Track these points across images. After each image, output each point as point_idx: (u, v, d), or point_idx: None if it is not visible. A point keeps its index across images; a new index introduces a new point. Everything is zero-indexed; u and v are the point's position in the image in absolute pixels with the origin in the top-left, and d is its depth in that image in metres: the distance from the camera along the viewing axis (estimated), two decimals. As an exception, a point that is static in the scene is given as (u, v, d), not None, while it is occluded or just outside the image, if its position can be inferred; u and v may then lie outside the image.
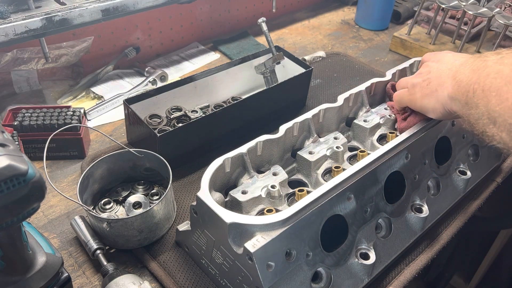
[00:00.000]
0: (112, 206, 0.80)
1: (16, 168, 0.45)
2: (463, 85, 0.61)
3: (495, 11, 1.23)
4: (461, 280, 1.84)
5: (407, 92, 0.77)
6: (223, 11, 1.44)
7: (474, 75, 0.59)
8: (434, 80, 0.70)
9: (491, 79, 0.55)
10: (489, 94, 0.55)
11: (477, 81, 0.57)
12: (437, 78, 0.69)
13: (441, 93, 0.67)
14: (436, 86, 0.69)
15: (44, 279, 0.58)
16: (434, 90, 0.69)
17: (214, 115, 0.90)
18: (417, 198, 0.78)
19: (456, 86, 0.63)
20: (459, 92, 0.62)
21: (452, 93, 0.64)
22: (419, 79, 0.74)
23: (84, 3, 1.00)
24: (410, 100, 0.76)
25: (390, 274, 0.73)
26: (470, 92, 0.59)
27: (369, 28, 1.55)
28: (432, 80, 0.71)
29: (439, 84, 0.68)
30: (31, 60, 1.07)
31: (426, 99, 0.71)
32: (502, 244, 1.61)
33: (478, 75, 0.58)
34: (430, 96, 0.70)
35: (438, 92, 0.68)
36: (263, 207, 0.70)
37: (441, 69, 0.70)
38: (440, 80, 0.68)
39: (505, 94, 0.52)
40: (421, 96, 0.73)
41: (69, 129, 0.85)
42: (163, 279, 0.71)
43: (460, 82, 0.62)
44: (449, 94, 0.65)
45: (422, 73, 0.75)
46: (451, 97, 0.65)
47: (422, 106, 0.73)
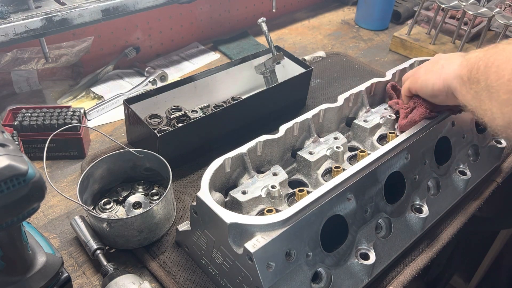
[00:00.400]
0: (112, 206, 0.80)
1: (16, 168, 0.45)
2: (470, 62, 0.62)
3: (495, 11, 1.23)
4: (461, 280, 1.84)
5: (410, 75, 0.80)
6: (223, 11, 1.44)
7: (482, 53, 0.60)
8: (443, 61, 0.72)
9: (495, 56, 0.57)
10: (489, 70, 0.56)
11: (483, 58, 0.59)
12: (447, 59, 0.71)
13: (446, 69, 0.69)
14: (444, 64, 0.70)
15: (44, 279, 0.58)
16: (440, 67, 0.71)
17: (214, 115, 0.90)
18: (417, 198, 0.78)
19: (465, 63, 0.64)
20: (465, 68, 0.63)
21: (458, 70, 0.65)
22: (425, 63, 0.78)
23: (84, 3, 1.00)
24: (411, 81, 0.78)
25: (390, 274, 0.73)
26: (475, 68, 0.60)
27: (369, 28, 1.55)
28: (440, 61, 0.73)
29: (448, 63, 0.70)
30: (31, 60, 1.07)
31: (429, 74, 0.73)
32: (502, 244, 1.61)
33: (485, 53, 0.59)
34: (434, 72, 0.72)
35: (444, 68, 0.70)
36: (263, 207, 0.70)
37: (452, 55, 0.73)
38: (450, 60, 0.70)
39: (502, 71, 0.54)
40: (424, 72, 0.75)
41: (69, 129, 0.85)
42: (163, 279, 0.71)
43: (468, 59, 0.64)
44: (455, 70, 0.66)
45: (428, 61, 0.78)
46: (456, 73, 0.65)
47: (423, 81, 0.74)
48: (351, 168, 0.67)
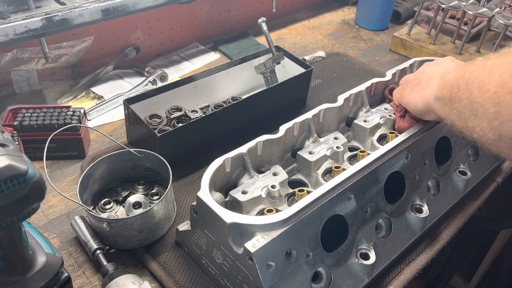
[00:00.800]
0: (112, 206, 0.80)
1: (16, 168, 0.45)
2: (448, 84, 0.62)
3: (495, 11, 1.23)
4: (461, 280, 1.84)
5: (401, 88, 0.81)
6: (223, 11, 1.44)
7: (459, 72, 0.60)
8: (425, 80, 0.73)
9: (475, 73, 0.56)
10: (471, 86, 0.56)
11: (462, 76, 0.59)
12: (428, 79, 0.72)
13: (427, 91, 0.70)
14: (424, 85, 0.71)
15: (44, 279, 0.58)
16: (422, 89, 0.72)
17: (214, 115, 0.90)
18: (417, 198, 0.78)
19: (442, 84, 0.65)
20: (444, 90, 0.64)
21: (437, 92, 0.66)
22: (413, 77, 0.79)
23: (84, 3, 1.00)
24: (400, 96, 0.80)
25: (390, 274, 0.73)
26: (455, 88, 0.60)
27: (369, 28, 1.55)
28: (422, 80, 0.74)
29: (427, 84, 0.70)
30: (31, 60, 1.07)
31: (411, 95, 0.75)
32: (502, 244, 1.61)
33: (464, 72, 0.59)
34: (416, 93, 0.73)
35: (424, 90, 0.71)
36: (263, 207, 0.70)
37: (434, 71, 0.73)
38: (430, 80, 0.70)
39: (487, 85, 0.53)
40: (409, 92, 0.76)
41: (69, 129, 0.85)
42: (163, 279, 0.71)
43: (446, 81, 0.64)
44: (434, 93, 0.67)
45: (417, 73, 0.79)
46: (435, 96, 0.66)
47: (407, 101, 0.76)
48: (351, 168, 0.67)
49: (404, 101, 0.78)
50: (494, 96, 0.52)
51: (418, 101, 0.73)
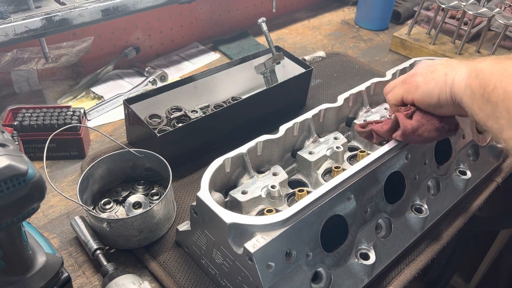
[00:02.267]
0: (112, 206, 0.80)
1: (16, 168, 0.45)
2: (482, 76, 0.54)
3: (495, 11, 1.23)
4: (461, 280, 1.84)
5: (401, 85, 0.70)
6: (223, 11, 1.44)
7: (497, 69, 0.53)
8: (442, 66, 0.63)
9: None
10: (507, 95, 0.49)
11: (500, 77, 0.51)
12: (445, 65, 0.63)
13: (453, 76, 0.60)
14: (446, 70, 0.62)
15: (44, 279, 0.58)
16: (443, 74, 0.62)
17: (214, 115, 0.90)
18: (417, 198, 0.78)
19: (474, 73, 0.56)
20: (476, 82, 0.55)
21: (468, 80, 0.57)
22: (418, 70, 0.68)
23: (84, 3, 1.00)
24: (407, 90, 0.68)
25: (390, 274, 0.73)
26: (489, 87, 0.52)
27: (369, 28, 1.55)
28: (438, 67, 0.64)
29: (450, 69, 0.61)
30: (31, 60, 1.07)
31: (431, 84, 0.63)
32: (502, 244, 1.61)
33: (502, 71, 0.52)
34: (437, 80, 0.63)
35: (448, 76, 0.61)
36: (263, 207, 0.70)
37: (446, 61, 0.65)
38: (451, 65, 0.62)
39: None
40: (424, 81, 0.65)
41: (69, 129, 0.85)
42: (163, 279, 0.71)
43: (478, 70, 0.56)
44: (464, 80, 0.58)
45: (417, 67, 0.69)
46: (465, 84, 0.57)
47: (425, 92, 0.64)
48: (351, 168, 0.67)
49: (419, 93, 0.65)
50: None
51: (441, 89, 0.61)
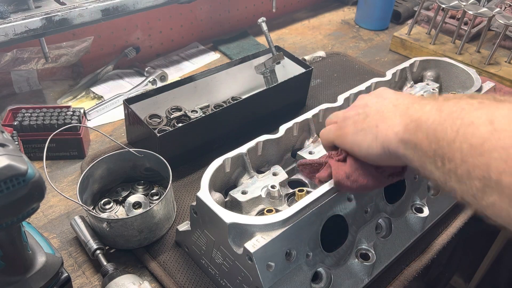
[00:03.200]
0: (112, 206, 0.80)
1: (15, 168, 0.45)
2: (426, 128, 0.47)
3: (495, 11, 1.23)
4: (461, 280, 1.84)
5: (336, 126, 0.63)
6: (223, 11, 1.44)
7: (445, 118, 0.45)
8: (374, 114, 0.56)
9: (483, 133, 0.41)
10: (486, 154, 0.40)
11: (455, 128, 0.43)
12: (378, 113, 0.56)
13: (383, 130, 0.53)
14: (377, 121, 0.55)
15: (44, 279, 0.58)
16: (374, 126, 0.55)
17: (214, 115, 0.90)
18: (417, 198, 0.78)
19: (413, 125, 0.49)
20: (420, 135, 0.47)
21: (405, 135, 0.50)
22: (352, 112, 0.61)
23: (84, 3, 1.00)
24: (338, 136, 0.61)
25: (390, 274, 0.73)
26: (445, 141, 0.44)
27: (369, 28, 1.55)
28: (370, 114, 0.57)
29: (382, 119, 0.55)
30: (31, 60, 1.07)
31: (360, 135, 0.57)
32: (502, 244, 1.61)
33: (453, 120, 0.44)
34: (366, 131, 0.56)
35: (379, 128, 0.54)
36: (263, 207, 0.70)
37: (382, 103, 0.57)
38: (382, 115, 0.55)
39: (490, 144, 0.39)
40: (354, 131, 0.58)
41: (69, 129, 0.85)
42: (163, 279, 0.70)
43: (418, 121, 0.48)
44: (399, 134, 0.51)
45: (356, 106, 0.62)
46: (401, 139, 0.50)
47: (354, 142, 0.58)
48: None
49: (347, 142, 0.59)
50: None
51: (371, 142, 0.55)
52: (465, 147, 0.42)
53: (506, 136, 0.39)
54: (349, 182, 0.59)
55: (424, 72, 1.01)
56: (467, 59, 1.28)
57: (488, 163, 0.40)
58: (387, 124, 0.53)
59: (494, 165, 0.39)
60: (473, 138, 0.41)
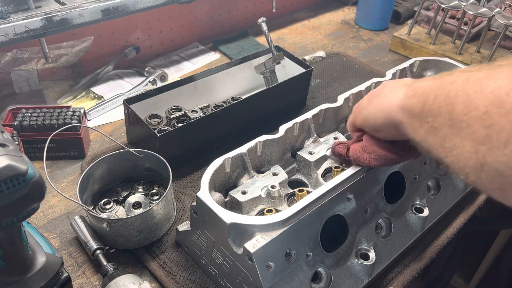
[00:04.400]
0: (112, 206, 0.80)
1: (16, 168, 0.45)
2: (419, 92, 0.52)
3: (495, 11, 1.23)
4: (461, 280, 1.84)
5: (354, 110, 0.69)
6: (223, 11, 1.44)
7: (435, 82, 0.50)
8: (387, 89, 0.62)
9: (458, 85, 0.46)
10: (455, 101, 0.46)
11: (440, 86, 0.49)
12: (390, 88, 0.61)
13: (388, 99, 0.59)
14: (386, 95, 0.60)
15: (44, 279, 0.58)
16: (383, 98, 0.60)
17: (214, 115, 0.90)
18: (417, 198, 0.78)
19: (411, 93, 0.54)
20: (413, 98, 0.53)
21: (403, 101, 0.55)
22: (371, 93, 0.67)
23: (84, 3, 1.00)
24: (355, 115, 0.67)
25: (390, 274, 0.73)
26: (430, 98, 0.50)
27: (369, 28, 1.55)
28: (384, 91, 0.62)
29: (390, 92, 0.60)
30: (31, 60, 1.07)
31: (370, 107, 0.62)
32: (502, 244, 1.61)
33: (441, 82, 0.49)
34: (376, 104, 0.61)
35: (386, 99, 0.59)
36: (263, 207, 0.70)
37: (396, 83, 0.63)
38: (392, 90, 0.60)
39: (475, 101, 0.44)
40: (367, 103, 0.64)
41: (69, 129, 0.85)
42: (163, 279, 0.71)
43: (416, 89, 0.54)
44: (399, 101, 0.56)
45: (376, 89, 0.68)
46: (401, 105, 0.55)
47: (365, 116, 0.63)
48: (351, 168, 0.67)
49: (361, 117, 0.65)
50: (485, 116, 0.42)
51: (377, 112, 0.60)
52: (442, 100, 0.47)
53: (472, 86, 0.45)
54: (366, 154, 0.64)
55: (424, 72, 1.01)
56: (467, 59, 1.28)
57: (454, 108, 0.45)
58: (393, 94, 0.58)
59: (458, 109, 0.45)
60: (449, 92, 0.47)
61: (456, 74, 0.49)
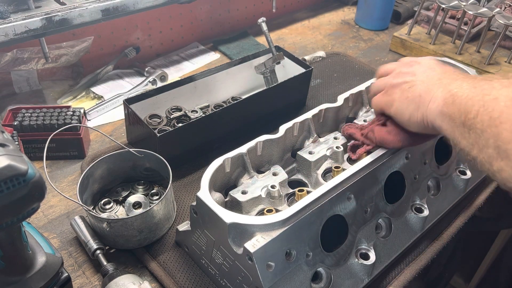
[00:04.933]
0: (112, 206, 0.80)
1: (16, 168, 0.45)
2: (459, 102, 0.52)
3: (495, 11, 1.23)
4: (461, 280, 1.84)
5: (384, 94, 0.68)
6: (223, 11, 1.44)
7: (476, 94, 0.50)
8: (420, 84, 0.60)
9: (502, 107, 0.46)
10: (499, 125, 0.45)
11: (481, 103, 0.48)
12: (423, 83, 0.60)
13: (426, 100, 0.58)
14: (421, 91, 0.59)
15: (44, 279, 0.58)
16: (417, 95, 0.59)
17: (214, 115, 0.90)
18: (417, 198, 0.77)
19: (451, 99, 0.53)
20: (454, 108, 0.52)
21: (443, 107, 0.55)
22: (399, 80, 0.65)
23: (84, 3, 1.00)
24: (386, 103, 0.66)
25: (390, 274, 0.73)
26: (471, 113, 0.49)
27: (369, 28, 1.55)
28: (416, 84, 0.61)
29: (426, 91, 0.58)
30: (31, 60, 1.07)
31: (405, 103, 0.62)
32: (502, 244, 1.61)
33: (482, 95, 0.49)
34: (411, 100, 0.61)
35: (422, 98, 0.59)
36: (263, 207, 0.70)
37: (428, 74, 0.61)
38: (427, 86, 0.59)
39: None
40: (399, 98, 0.63)
41: (69, 129, 0.85)
42: (163, 279, 0.71)
43: (455, 96, 0.53)
44: (439, 106, 0.55)
45: (404, 73, 0.65)
46: (440, 111, 0.55)
47: (398, 109, 0.63)
48: (351, 168, 0.67)
49: (392, 109, 0.64)
50: None
51: (414, 112, 0.60)
52: (486, 119, 0.47)
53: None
54: (392, 136, 0.67)
55: (424, 72, 1.01)
56: (467, 59, 1.28)
57: (499, 133, 0.45)
58: (430, 96, 0.57)
59: (503, 135, 0.45)
60: (493, 112, 0.47)
61: (496, 86, 0.49)
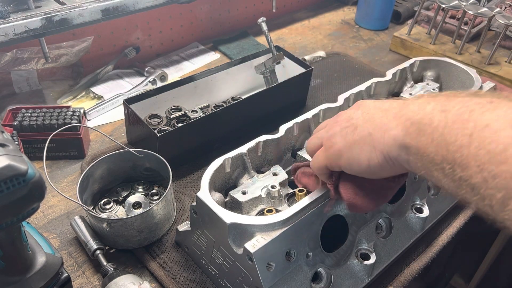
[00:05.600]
0: (112, 206, 0.80)
1: (15, 168, 0.45)
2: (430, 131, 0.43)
3: (495, 11, 1.23)
4: (461, 280, 1.84)
5: (323, 149, 0.57)
6: (223, 11, 1.43)
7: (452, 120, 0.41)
8: (364, 123, 0.51)
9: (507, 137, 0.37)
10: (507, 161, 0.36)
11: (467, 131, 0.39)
12: (367, 121, 0.51)
13: (379, 137, 0.49)
14: (369, 129, 0.50)
15: (44, 279, 0.58)
16: (367, 135, 0.50)
17: (214, 115, 0.90)
18: (417, 198, 0.77)
19: (414, 128, 0.45)
20: (423, 140, 0.43)
21: (403, 139, 0.46)
22: (337, 128, 0.55)
23: (84, 3, 1.00)
24: (329, 157, 0.55)
25: (390, 274, 0.73)
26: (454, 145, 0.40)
27: (369, 28, 1.55)
28: (359, 124, 0.52)
29: (374, 127, 0.50)
30: (31, 60, 1.07)
31: (355, 148, 0.51)
32: (502, 244, 1.61)
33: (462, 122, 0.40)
34: (361, 143, 0.51)
35: (374, 136, 0.49)
36: (263, 207, 0.70)
37: (368, 112, 0.52)
38: (373, 122, 0.50)
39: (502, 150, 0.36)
40: (346, 146, 0.53)
41: (69, 129, 0.85)
42: (163, 279, 0.70)
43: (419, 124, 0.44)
44: (397, 138, 0.46)
45: (338, 121, 0.56)
46: (400, 143, 0.46)
47: (350, 158, 0.52)
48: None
49: (342, 160, 0.53)
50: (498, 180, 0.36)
51: (370, 153, 0.50)
52: (482, 153, 0.38)
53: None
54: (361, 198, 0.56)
55: (424, 72, 1.01)
56: (467, 59, 1.28)
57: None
58: (382, 130, 0.49)
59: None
60: (491, 144, 0.37)
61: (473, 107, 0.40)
